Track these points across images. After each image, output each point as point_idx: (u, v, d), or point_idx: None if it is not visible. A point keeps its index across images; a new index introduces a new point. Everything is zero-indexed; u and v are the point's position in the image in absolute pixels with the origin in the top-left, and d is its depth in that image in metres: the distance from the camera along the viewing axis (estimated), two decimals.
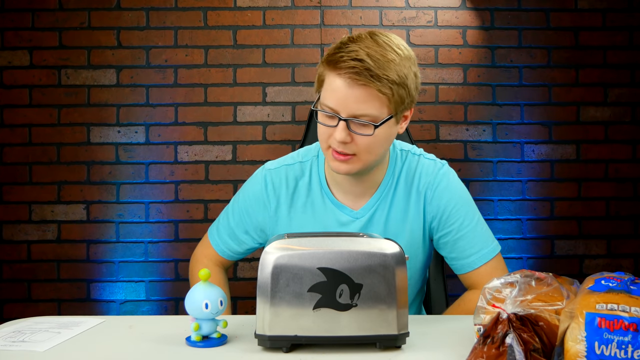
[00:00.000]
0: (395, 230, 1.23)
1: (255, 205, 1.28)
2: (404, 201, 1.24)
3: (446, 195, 1.22)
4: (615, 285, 0.76)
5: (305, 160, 1.29)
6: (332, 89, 1.09)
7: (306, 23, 2.33)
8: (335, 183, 1.24)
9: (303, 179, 1.27)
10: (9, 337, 0.99)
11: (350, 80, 1.06)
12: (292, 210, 1.26)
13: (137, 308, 2.32)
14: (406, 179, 1.24)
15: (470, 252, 1.22)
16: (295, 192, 1.26)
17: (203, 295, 0.94)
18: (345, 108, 1.08)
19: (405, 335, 0.93)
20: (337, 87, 1.08)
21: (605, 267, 2.34)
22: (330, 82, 1.09)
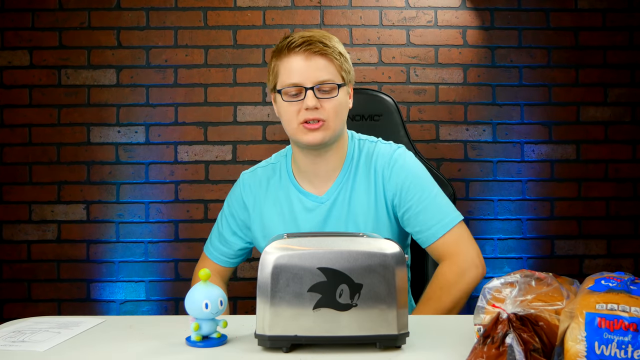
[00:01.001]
0: (360, 211, 1.32)
1: (237, 207, 1.42)
2: (365, 184, 1.33)
3: (402, 172, 1.32)
4: (615, 285, 0.76)
5: (276, 161, 1.43)
6: (290, 68, 1.24)
7: (306, 23, 2.33)
8: (300, 172, 1.36)
9: (274, 177, 1.40)
10: (9, 337, 0.99)
11: (307, 54, 1.23)
12: (266, 204, 1.38)
13: (137, 308, 2.32)
14: (366, 163, 1.35)
15: (432, 223, 1.29)
16: (268, 189, 1.39)
17: (203, 295, 0.94)
18: (308, 78, 1.23)
19: (405, 335, 0.93)
20: (295, 65, 1.23)
21: (605, 267, 2.34)
22: (287, 65, 1.25)
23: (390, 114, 1.72)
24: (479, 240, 2.37)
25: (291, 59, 1.24)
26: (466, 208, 2.34)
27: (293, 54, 1.24)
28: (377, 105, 1.69)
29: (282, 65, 1.26)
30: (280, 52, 1.26)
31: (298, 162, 1.35)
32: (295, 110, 1.25)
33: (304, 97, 1.24)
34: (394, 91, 2.32)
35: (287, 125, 1.29)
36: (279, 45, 1.27)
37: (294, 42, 1.23)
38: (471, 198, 2.34)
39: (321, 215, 1.33)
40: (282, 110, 1.28)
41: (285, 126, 1.30)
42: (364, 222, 1.32)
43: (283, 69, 1.25)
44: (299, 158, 1.34)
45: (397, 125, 1.73)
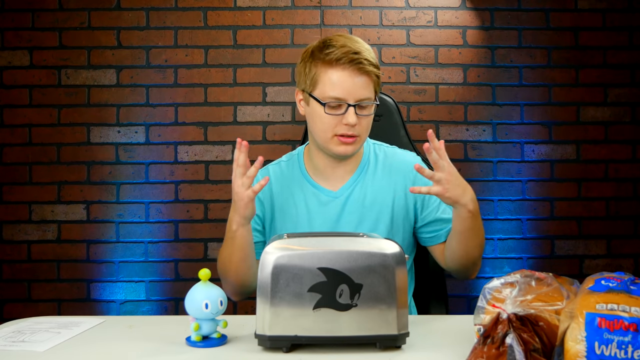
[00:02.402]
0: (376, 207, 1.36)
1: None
2: (385, 183, 1.38)
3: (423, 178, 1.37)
4: (615, 285, 0.76)
5: (286, 160, 1.46)
6: (335, 82, 1.25)
7: (306, 23, 2.33)
8: (316, 170, 1.39)
9: (285, 174, 1.42)
10: (9, 337, 0.99)
11: (353, 71, 1.25)
12: (278, 199, 1.39)
13: (137, 308, 2.32)
14: (385, 163, 1.40)
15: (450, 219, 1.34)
16: (280, 183, 1.41)
17: (203, 295, 0.94)
18: (352, 95, 1.26)
19: (405, 335, 0.93)
20: (341, 80, 1.25)
21: (605, 267, 2.34)
22: (331, 77, 1.26)
23: (390, 114, 1.72)
24: None
25: (336, 72, 1.26)
26: None
27: (339, 68, 1.25)
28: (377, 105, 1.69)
29: (325, 75, 1.27)
30: (323, 60, 1.26)
31: (316, 161, 1.38)
32: (333, 122, 1.27)
33: (343, 112, 1.26)
34: (394, 91, 2.32)
35: (320, 133, 1.30)
36: (324, 53, 1.26)
37: (342, 57, 1.24)
38: None
39: (335, 209, 1.36)
40: (316, 118, 1.30)
41: (317, 132, 1.32)
42: (379, 218, 1.35)
43: (326, 79, 1.26)
44: (319, 159, 1.38)
45: (398, 125, 1.73)
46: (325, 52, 1.26)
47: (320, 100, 1.27)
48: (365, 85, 1.27)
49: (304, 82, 1.31)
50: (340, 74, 1.25)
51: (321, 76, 1.27)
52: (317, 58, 1.27)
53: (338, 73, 1.25)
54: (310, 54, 1.30)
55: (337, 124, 1.27)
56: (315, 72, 1.28)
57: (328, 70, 1.26)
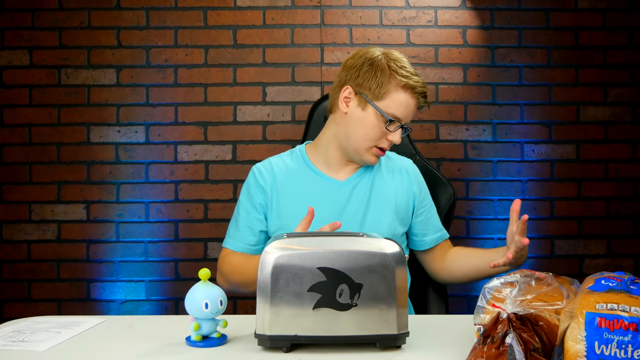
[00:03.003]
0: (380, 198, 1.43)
1: (254, 193, 1.44)
2: (388, 177, 1.47)
3: (420, 180, 1.52)
4: (615, 285, 0.76)
5: (288, 154, 1.50)
6: (402, 103, 1.35)
7: (306, 23, 2.33)
8: (323, 163, 1.45)
9: (287, 166, 1.46)
10: (9, 337, 0.99)
11: (418, 103, 1.38)
12: (282, 187, 1.43)
13: (137, 308, 2.32)
14: (387, 164, 1.50)
15: (439, 227, 1.51)
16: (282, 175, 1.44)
17: (203, 295, 0.94)
18: (407, 119, 1.39)
19: (405, 335, 0.93)
20: (408, 104, 1.36)
21: (605, 267, 2.34)
22: (402, 98, 1.35)
23: None
24: (479, 240, 2.38)
25: (408, 97, 1.35)
26: (466, 208, 2.34)
27: (411, 94, 1.35)
28: None
29: (397, 94, 1.35)
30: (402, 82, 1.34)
31: (329, 155, 1.44)
32: (380, 134, 1.37)
33: (393, 130, 1.37)
34: None
35: (361, 139, 1.37)
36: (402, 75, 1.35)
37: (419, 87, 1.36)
38: (471, 198, 2.34)
39: (343, 196, 1.41)
40: (367, 124, 1.36)
41: (357, 136, 1.37)
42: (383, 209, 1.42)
43: (398, 98, 1.35)
44: (334, 153, 1.44)
45: None
46: (404, 74, 1.35)
47: (386, 114, 1.34)
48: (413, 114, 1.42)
49: (368, 87, 1.35)
50: (410, 100, 1.36)
51: (393, 94, 1.34)
52: (394, 74, 1.34)
53: (409, 98, 1.35)
54: (387, 67, 1.35)
55: (382, 137, 1.37)
56: (389, 88, 1.34)
57: (401, 92, 1.35)
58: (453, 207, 1.62)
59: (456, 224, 2.33)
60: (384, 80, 1.34)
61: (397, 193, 1.45)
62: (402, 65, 1.36)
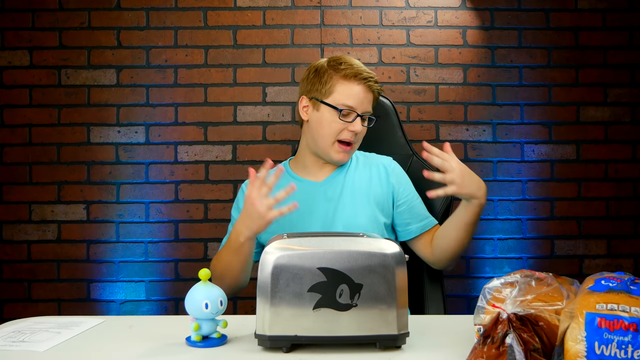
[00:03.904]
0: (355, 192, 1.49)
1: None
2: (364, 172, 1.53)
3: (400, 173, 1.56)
4: (615, 285, 0.76)
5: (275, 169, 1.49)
6: (350, 93, 1.43)
7: (306, 23, 2.33)
8: (302, 168, 1.53)
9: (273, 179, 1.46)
10: (9, 337, 0.99)
11: (367, 87, 1.45)
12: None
13: (137, 308, 2.32)
14: (365, 162, 1.56)
15: (425, 216, 1.53)
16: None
17: (203, 295, 0.94)
18: (361, 106, 1.45)
19: (405, 335, 0.93)
20: (356, 92, 1.44)
21: (605, 267, 2.34)
22: (348, 88, 1.44)
23: (387, 115, 1.72)
24: (479, 240, 2.38)
25: (352, 86, 1.43)
26: None
27: (355, 82, 1.44)
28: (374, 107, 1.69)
29: (341, 86, 1.44)
30: (343, 74, 1.44)
31: (306, 162, 1.53)
32: (340, 128, 1.44)
33: (351, 120, 1.43)
34: (394, 91, 2.32)
35: (324, 137, 1.45)
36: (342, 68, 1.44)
37: (360, 73, 1.43)
38: None
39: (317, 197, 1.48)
40: (325, 122, 1.45)
41: (321, 136, 1.46)
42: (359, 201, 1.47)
43: (343, 89, 1.44)
44: (309, 159, 1.53)
45: (395, 126, 1.73)
46: (343, 67, 1.44)
47: (336, 107, 1.43)
48: (370, 101, 1.47)
49: (316, 90, 1.46)
50: (355, 87, 1.44)
51: (337, 86, 1.44)
52: (334, 70, 1.45)
53: (354, 86, 1.43)
54: (327, 67, 1.46)
55: (343, 130, 1.44)
56: (332, 83, 1.44)
57: (344, 82, 1.44)
58: (450, 206, 1.62)
59: None
60: (327, 78, 1.45)
61: (373, 186, 1.51)
62: (342, 62, 1.46)
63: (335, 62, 1.47)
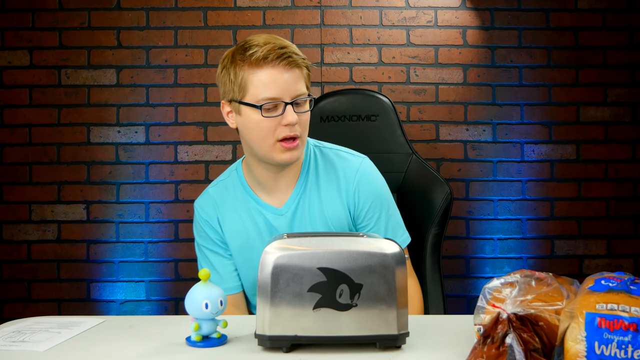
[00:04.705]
0: (323, 220, 1.30)
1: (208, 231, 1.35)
2: (326, 192, 1.30)
3: (367, 189, 1.31)
4: (615, 285, 0.76)
5: (226, 177, 1.39)
6: (266, 81, 1.17)
7: (306, 23, 2.33)
8: (257, 185, 1.32)
9: (228, 194, 1.35)
10: (9, 337, 0.99)
11: (284, 66, 1.17)
12: (228, 222, 1.33)
13: (137, 308, 2.32)
14: (326, 171, 1.32)
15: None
16: (223, 206, 1.34)
17: (203, 295, 0.94)
18: (287, 92, 1.18)
19: (405, 335, 0.93)
20: (273, 78, 1.17)
21: (605, 267, 2.34)
22: (261, 77, 1.17)
23: (386, 114, 1.72)
24: (478, 240, 2.38)
25: (266, 72, 1.17)
26: (466, 208, 2.34)
27: (268, 66, 1.17)
28: (374, 106, 1.68)
29: (254, 77, 1.17)
30: (249, 62, 1.17)
31: (257, 175, 1.30)
32: (272, 126, 1.19)
33: (281, 113, 1.18)
34: (394, 91, 2.32)
35: (260, 142, 1.21)
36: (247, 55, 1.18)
37: (269, 54, 1.17)
38: (471, 198, 2.34)
39: (283, 228, 1.30)
40: (252, 126, 1.20)
41: (255, 142, 1.22)
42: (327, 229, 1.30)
43: (256, 80, 1.17)
44: (259, 172, 1.29)
45: (394, 125, 1.72)
46: (249, 53, 1.17)
47: (255, 104, 1.18)
48: (298, 79, 1.20)
49: (230, 90, 1.21)
50: (270, 72, 1.17)
51: (250, 79, 1.18)
52: (241, 60, 1.18)
53: (268, 72, 1.17)
54: (231, 59, 1.21)
55: (277, 127, 1.19)
56: (242, 76, 1.18)
57: (256, 71, 1.17)
58: (450, 206, 1.62)
59: (456, 224, 2.33)
60: (236, 73, 1.19)
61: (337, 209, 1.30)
62: (245, 47, 1.19)
63: (240, 48, 1.20)
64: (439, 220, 1.55)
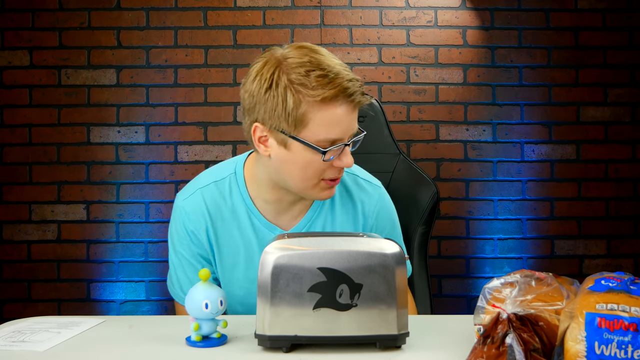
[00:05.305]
0: None
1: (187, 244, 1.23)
2: (340, 219, 1.19)
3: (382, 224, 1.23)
4: (615, 285, 0.76)
5: (220, 178, 1.20)
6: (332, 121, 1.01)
7: (306, 23, 2.33)
8: (264, 204, 1.17)
9: (224, 201, 1.18)
10: (9, 337, 0.99)
11: (353, 104, 1.03)
12: (221, 236, 1.18)
13: (137, 308, 2.32)
14: (341, 198, 1.20)
15: None
16: (217, 215, 1.18)
17: (203, 295, 0.94)
18: (349, 132, 1.04)
19: (405, 335, 0.93)
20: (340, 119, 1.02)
21: (605, 267, 2.34)
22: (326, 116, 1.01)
23: (374, 115, 1.71)
24: (478, 240, 2.38)
25: (335, 110, 1.00)
26: (466, 208, 2.34)
27: (337, 104, 1.00)
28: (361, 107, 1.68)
29: (320, 113, 1.00)
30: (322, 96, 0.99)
31: (267, 196, 1.15)
32: (321, 167, 1.04)
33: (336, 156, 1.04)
34: (394, 91, 2.32)
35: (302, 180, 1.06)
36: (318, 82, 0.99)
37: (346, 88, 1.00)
38: (471, 198, 2.34)
39: None
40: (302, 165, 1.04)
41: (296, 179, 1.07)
42: None
43: (322, 117, 1.00)
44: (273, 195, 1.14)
45: (382, 126, 1.72)
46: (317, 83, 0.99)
47: (316, 147, 1.01)
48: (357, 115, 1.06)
49: (280, 119, 1.01)
50: (340, 111, 1.01)
51: (313, 115, 1.00)
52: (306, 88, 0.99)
53: (338, 110, 1.01)
54: (289, 83, 1.00)
55: (328, 168, 1.05)
56: (305, 109, 1.00)
57: (323, 107, 1.00)
58: (436, 205, 1.61)
59: (456, 224, 2.33)
60: (293, 103, 1.00)
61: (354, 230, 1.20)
62: (308, 71, 1.00)
63: (297, 72, 1.01)
64: (426, 219, 1.55)
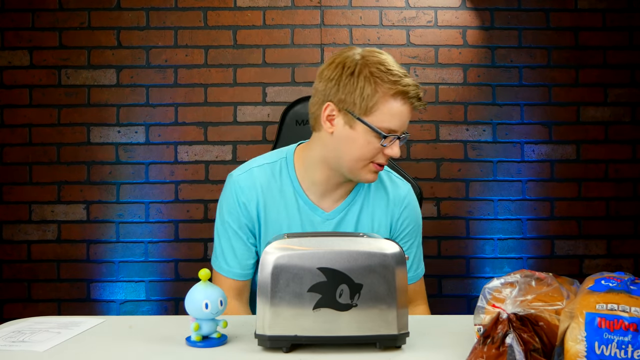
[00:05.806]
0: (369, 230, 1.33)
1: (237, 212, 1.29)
2: (373, 207, 1.34)
3: (410, 217, 1.37)
4: (615, 285, 0.76)
5: (272, 161, 1.33)
6: (395, 113, 1.19)
7: (306, 23, 2.33)
8: (311, 185, 1.30)
9: (274, 181, 1.31)
10: (9, 337, 0.99)
11: (411, 107, 1.21)
12: (271, 212, 1.29)
13: (137, 308, 2.32)
14: (377, 189, 1.35)
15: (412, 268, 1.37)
16: (267, 192, 1.30)
17: (203, 295, 0.94)
18: (403, 128, 1.22)
19: (405, 335, 0.93)
20: (402, 112, 1.20)
21: (605, 267, 2.34)
22: (392, 108, 1.19)
23: None
24: (479, 240, 2.38)
25: (401, 105, 1.19)
26: (466, 208, 2.34)
27: (404, 101, 1.19)
28: None
29: (388, 104, 1.18)
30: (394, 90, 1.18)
31: (315, 177, 1.29)
32: (375, 150, 1.21)
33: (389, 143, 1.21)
34: None
35: (356, 158, 1.22)
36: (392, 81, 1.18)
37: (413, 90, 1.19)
38: (471, 198, 2.34)
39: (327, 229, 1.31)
40: (360, 143, 1.20)
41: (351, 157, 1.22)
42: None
43: (389, 109, 1.18)
44: (322, 174, 1.28)
45: None
46: (392, 80, 1.18)
47: (379, 131, 1.18)
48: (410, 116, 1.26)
49: (353, 103, 1.18)
50: (403, 108, 1.19)
51: (383, 104, 1.18)
52: (383, 82, 1.17)
53: (402, 106, 1.19)
54: (370, 74, 1.18)
55: (379, 153, 1.21)
56: (378, 98, 1.17)
57: (392, 100, 1.18)
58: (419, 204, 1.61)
59: (456, 224, 2.33)
60: (370, 91, 1.17)
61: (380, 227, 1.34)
62: (387, 69, 1.18)
63: (379, 68, 1.19)
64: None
